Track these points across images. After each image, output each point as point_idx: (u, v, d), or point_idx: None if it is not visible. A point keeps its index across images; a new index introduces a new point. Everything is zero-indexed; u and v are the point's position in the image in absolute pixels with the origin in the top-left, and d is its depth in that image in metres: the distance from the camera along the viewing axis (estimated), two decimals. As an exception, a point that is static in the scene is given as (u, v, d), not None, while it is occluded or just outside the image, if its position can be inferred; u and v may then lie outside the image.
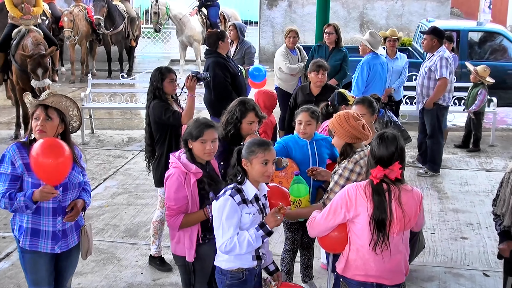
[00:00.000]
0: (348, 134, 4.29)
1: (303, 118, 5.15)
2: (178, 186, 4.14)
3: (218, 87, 7.63)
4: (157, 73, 5.68)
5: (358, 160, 4.29)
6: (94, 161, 9.05)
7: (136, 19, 16.11)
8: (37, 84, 9.10)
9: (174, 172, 4.18)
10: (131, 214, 7.26)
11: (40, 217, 4.14)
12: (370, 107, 5.16)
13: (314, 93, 7.05)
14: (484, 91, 9.71)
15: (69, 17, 14.43)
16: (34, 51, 9.18)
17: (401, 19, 17.74)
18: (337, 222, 3.83)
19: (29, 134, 4.16)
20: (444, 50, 8.39)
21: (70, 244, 4.29)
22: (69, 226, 4.26)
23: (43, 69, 9.09)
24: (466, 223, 7.15)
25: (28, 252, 4.20)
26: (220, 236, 3.86)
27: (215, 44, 7.81)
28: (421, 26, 12.42)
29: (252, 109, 4.95)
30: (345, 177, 4.29)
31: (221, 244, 3.86)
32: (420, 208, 3.82)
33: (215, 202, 3.91)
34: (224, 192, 3.89)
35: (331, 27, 9.15)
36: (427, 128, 8.63)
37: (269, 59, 16.14)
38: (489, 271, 6.05)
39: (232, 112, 4.96)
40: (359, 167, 4.26)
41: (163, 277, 5.85)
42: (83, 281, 5.73)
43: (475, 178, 8.68)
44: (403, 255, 3.84)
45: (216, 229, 3.89)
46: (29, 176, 4.05)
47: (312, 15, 12.24)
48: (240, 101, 5.03)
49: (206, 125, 4.20)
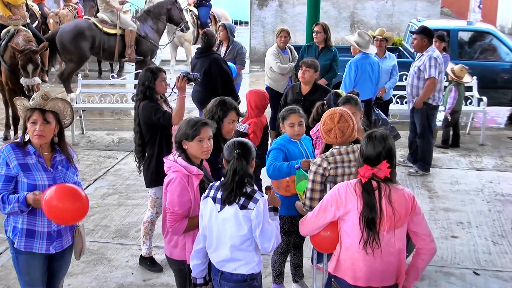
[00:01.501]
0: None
1: (295, 120, 5.15)
2: (181, 190, 4.09)
3: (228, 83, 7.82)
4: (149, 73, 5.65)
5: (328, 156, 4.41)
6: (85, 161, 9.01)
7: None
8: (26, 82, 9.05)
9: (176, 176, 4.11)
10: (122, 214, 7.24)
11: (36, 218, 4.12)
12: (357, 104, 5.24)
13: (304, 92, 7.06)
14: (455, 88, 9.68)
15: (55, 19, 14.36)
16: (26, 46, 9.15)
17: (392, 19, 17.78)
18: (327, 220, 3.84)
19: (23, 135, 4.13)
20: (433, 49, 8.41)
21: (64, 245, 4.29)
22: (64, 227, 4.25)
23: (33, 65, 9.05)
24: (456, 222, 7.17)
25: (23, 253, 4.18)
26: (268, 238, 3.85)
27: (214, 43, 8.00)
28: (411, 26, 12.44)
29: (233, 107, 4.91)
30: (313, 171, 4.41)
31: (271, 245, 3.87)
32: (413, 208, 3.77)
33: (255, 209, 3.81)
34: (256, 197, 3.84)
35: (320, 26, 9.15)
36: (417, 128, 8.65)
37: (260, 59, 16.15)
38: (479, 270, 6.07)
39: (213, 111, 4.88)
40: (327, 162, 4.38)
41: (154, 277, 5.84)
42: (74, 282, 5.70)
43: (465, 177, 8.71)
44: (397, 259, 3.79)
45: (265, 231, 3.84)
46: (25, 176, 4.04)
47: (303, 15, 12.23)
48: (220, 101, 4.94)
49: (202, 123, 4.18)
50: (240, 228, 3.84)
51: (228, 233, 3.88)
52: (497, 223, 7.15)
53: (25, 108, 4.08)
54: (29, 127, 4.06)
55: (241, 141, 3.98)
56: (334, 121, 4.42)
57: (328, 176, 4.39)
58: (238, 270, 3.92)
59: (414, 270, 3.91)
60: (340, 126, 4.42)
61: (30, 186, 4.02)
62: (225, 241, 3.90)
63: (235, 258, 3.90)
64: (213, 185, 4.00)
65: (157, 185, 5.75)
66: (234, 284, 3.95)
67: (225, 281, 3.97)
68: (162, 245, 6.26)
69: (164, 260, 6.06)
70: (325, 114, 4.54)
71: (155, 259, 6.01)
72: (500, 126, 12.26)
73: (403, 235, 3.81)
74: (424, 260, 3.91)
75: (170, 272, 5.88)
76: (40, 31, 12.97)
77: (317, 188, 4.41)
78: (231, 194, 3.82)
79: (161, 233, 6.31)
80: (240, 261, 3.91)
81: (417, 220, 3.82)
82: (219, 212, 3.88)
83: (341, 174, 4.39)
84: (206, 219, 3.97)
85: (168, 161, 4.21)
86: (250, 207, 3.80)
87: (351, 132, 4.46)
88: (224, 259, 3.93)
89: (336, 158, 4.40)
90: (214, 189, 3.96)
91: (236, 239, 3.87)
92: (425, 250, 3.88)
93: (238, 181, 3.82)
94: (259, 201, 3.82)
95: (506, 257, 6.34)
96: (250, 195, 3.83)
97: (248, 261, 3.92)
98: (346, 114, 4.47)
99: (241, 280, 3.93)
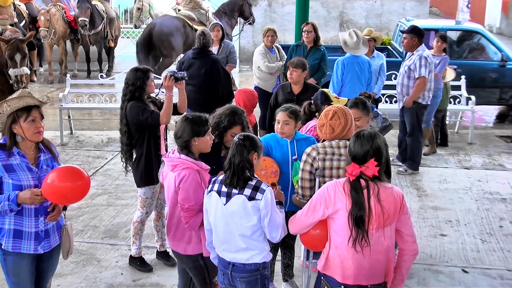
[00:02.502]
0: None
1: (281, 118, 5.17)
2: (196, 186, 4.17)
3: (229, 84, 7.90)
4: (139, 73, 5.60)
5: (319, 147, 4.55)
6: (73, 162, 8.97)
7: (115, 19, 16.03)
8: (15, 72, 9.02)
9: (188, 172, 4.18)
10: (111, 215, 7.22)
11: (23, 218, 4.11)
12: (364, 108, 5.24)
13: (295, 91, 7.04)
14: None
15: (46, 16, 14.31)
16: (12, 36, 9.14)
17: (381, 18, 17.84)
18: (316, 218, 3.85)
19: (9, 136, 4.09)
20: (423, 49, 8.44)
21: (52, 244, 4.28)
22: (51, 226, 4.25)
23: (21, 54, 9.03)
24: (445, 220, 7.20)
25: (11, 254, 4.16)
26: (276, 227, 3.96)
27: (211, 43, 8.06)
28: (400, 25, 12.48)
29: (241, 123, 4.76)
30: (303, 160, 4.58)
31: (279, 235, 3.98)
32: (402, 207, 3.78)
33: (263, 199, 3.91)
34: (262, 187, 3.93)
35: (310, 25, 9.16)
36: (407, 127, 8.67)
37: (249, 59, 16.06)
38: (468, 268, 6.11)
39: (221, 118, 4.75)
40: (316, 152, 4.52)
41: (144, 277, 5.82)
42: (63, 283, 5.68)
43: (454, 175, 8.75)
44: (386, 257, 3.80)
45: (273, 220, 3.95)
46: (10, 177, 4.02)
47: (292, 15, 12.25)
48: (232, 111, 4.80)
49: (206, 117, 4.37)
50: (249, 219, 3.94)
51: (237, 225, 3.96)
52: (485, 221, 7.19)
53: (15, 109, 4.05)
54: (28, 126, 4.04)
55: (247, 134, 4.12)
56: (328, 117, 4.55)
57: (317, 169, 4.48)
58: (251, 260, 4.02)
59: (398, 272, 3.94)
60: (331, 123, 4.52)
61: (16, 187, 4.01)
62: (235, 233, 3.98)
63: (248, 248, 4.00)
64: (216, 179, 4.08)
65: (146, 185, 5.75)
66: (247, 274, 4.04)
67: (237, 272, 4.05)
68: (152, 245, 6.28)
69: (154, 260, 6.07)
70: (324, 110, 4.68)
71: (144, 259, 6.00)
72: (488, 125, 12.34)
73: (392, 233, 3.82)
74: (406, 261, 3.94)
75: (160, 272, 5.90)
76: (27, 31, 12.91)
77: (306, 177, 4.55)
78: (234, 178, 3.92)
79: (151, 233, 6.36)
80: (253, 250, 4.01)
81: (404, 219, 3.84)
82: (225, 205, 3.96)
83: (329, 167, 4.48)
84: (212, 214, 4.05)
85: (174, 159, 4.25)
86: (258, 197, 3.90)
87: (342, 130, 4.53)
88: (236, 250, 4.01)
89: (327, 150, 4.50)
90: (217, 183, 4.05)
91: (246, 230, 3.96)
92: (407, 251, 3.91)
93: (238, 165, 3.92)
94: (266, 191, 3.92)
95: (494, 255, 6.37)
96: (257, 186, 3.92)
97: (261, 250, 4.03)
98: (341, 112, 4.54)
99: (254, 270, 4.03)
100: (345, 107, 4.68)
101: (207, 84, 7.78)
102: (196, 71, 7.83)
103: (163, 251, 6.08)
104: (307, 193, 4.56)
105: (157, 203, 5.97)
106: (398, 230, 3.85)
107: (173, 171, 4.25)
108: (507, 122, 12.26)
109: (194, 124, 4.26)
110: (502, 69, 11.54)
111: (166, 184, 4.41)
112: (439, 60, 9.21)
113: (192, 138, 4.25)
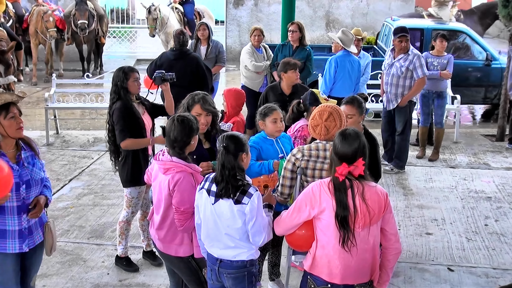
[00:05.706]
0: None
1: (277, 116, 5.21)
2: (190, 188, 4.17)
3: (211, 79, 7.97)
4: (121, 73, 5.60)
5: (305, 148, 4.53)
6: (59, 161, 8.94)
7: (104, 16, 15.95)
8: (0, 81, 8.95)
9: (183, 176, 4.18)
10: (97, 215, 7.19)
11: (5, 216, 4.10)
12: (359, 107, 5.19)
13: (287, 92, 7.01)
14: None
15: (53, 17, 14.33)
16: None
17: (366, 18, 17.90)
18: (302, 219, 3.85)
19: None
20: (414, 49, 8.60)
21: (36, 241, 4.28)
22: (34, 223, 4.24)
23: (4, 65, 8.94)
24: (431, 219, 7.24)
25: None
26: (260, 232, 3.94)
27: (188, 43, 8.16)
28: (386, 25, 12.53)
29: (197, 101, 4.83)
30: (287, 159, 4.59)
31: (262, 239, 3.96)
32: (386, 206, 3.80)
33: (249, 203, 3.88)
34: (250, 192, 3.90)
35: (295, 25, 9.19)
36: (399, 125, 8.65)
37: (236, 58, 16.09)
38: (453, 266, 6.14)
39: (183, 105, 4.90)
40: (301, 154, 4.50)
41: (130, 277, 5.81)
42: (48, 283, 5.65)
43: (439, 174, 8.80)
44: (371, 255, 3.82)
45: (258, 225, 3.92)
46: None
47: (278, 14, 12.25)
48: (190, 94, 4.97)
49: (195, 117, 4.40)
50: (235, 222, 3.94)
51: (225, 226, 3.97)
52: (470, 219, 7.24)
53: None
54: (9, 123, 4.05)
55: (229, 135, 4.06)
56: (322, 118, 4.48)
57: (299, 167, 4.49)
58: (238, 257, 4.03)
59: (383, 271, 3.95)
60: (326, 124, 4.47)
61: None
62: (223, 233, 3.99)
63: (236, 247, 4.01)
64: (208, 177, 4.08)
65: (132, 185, 5.73)
66: (234, 271, 4.06)
67: (224, 268, 4.06)
68: (138, 245, 6.27)
69: (140, 260, 6.06)
70: (316, 109, 4.61)
71: (131, 259, 5.99)
72: (473, 124, 12.41)
73: (377, 232, 3.84)
74: (390, 260, 3.95)
75: (146, 272, 5.88)
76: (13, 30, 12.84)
77: (287, 175, 4.55)
78: (227, 187, 3.91)
79: (137, 232, 6.35)
80: (241, 249, 4.03)
81: (388, 218, 3.85)
82: (213, 205, 3.97)
83: (312, 168, 4.48)
84: (202, 211, 4.07)
85: (167, 163, 4.22)
86: (245, 201, 3.89)
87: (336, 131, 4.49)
88: (224, 247, 4.03)
89: (311, 153, 4.48)
90: (208, 181, 4.05)
91: (233, 231, 3.97)
92: (390, 250, 3.93)
93: (229, 175, 3.91)
94: (253, 196, 3.90)
95: (479, 253, 6.41)
96: (245, 190, 3.91)
97: (249, 249, 4.04)
98: (336, 113, 4.51)
99: (241, 266, 4.05)
100: (338, 108, 4.65)
101: (195, 83, 7.77)
102: (182, 71, 7.81)
103: (149, 250, 6.07)
104: (285, 191, 4.57)
105: (143, 203, 5.96)
106: (382, 228, 3.87)
107: (165, 174, 4.23)
108: (492, 121, 12.35)
109: (193, 124, 4.27)
110: (487, 68, 11.64)
111: (156, 186, 4.38)
112: (446, 59, 9.22)
113: (191, 138, 4.25)
